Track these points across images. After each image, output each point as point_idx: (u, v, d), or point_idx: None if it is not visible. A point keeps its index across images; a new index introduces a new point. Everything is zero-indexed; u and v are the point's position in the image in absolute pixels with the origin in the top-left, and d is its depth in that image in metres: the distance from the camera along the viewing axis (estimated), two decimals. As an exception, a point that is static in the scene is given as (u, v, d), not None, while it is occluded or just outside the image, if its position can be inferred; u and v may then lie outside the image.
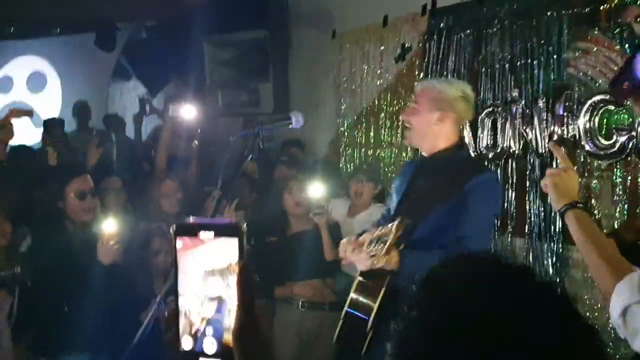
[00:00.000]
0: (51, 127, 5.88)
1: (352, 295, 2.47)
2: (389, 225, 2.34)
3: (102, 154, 5.16)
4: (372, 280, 2.39)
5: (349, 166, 5.48)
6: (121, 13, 6.39)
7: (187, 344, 0.96)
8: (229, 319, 0.93)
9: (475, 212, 2.41)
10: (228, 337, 0.93)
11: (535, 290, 0.82)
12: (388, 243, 2.23)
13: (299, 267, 3.96)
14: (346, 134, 5.57)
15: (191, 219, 0.98)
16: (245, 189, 4.70)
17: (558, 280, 3.61)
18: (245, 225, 0.95)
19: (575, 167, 3.66)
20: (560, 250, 3.69)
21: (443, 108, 2.57)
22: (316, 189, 3.87)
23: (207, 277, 0.94)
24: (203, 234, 0.94)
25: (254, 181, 4.97)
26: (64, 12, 6.35)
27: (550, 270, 3.74)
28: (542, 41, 3.90)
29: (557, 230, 3.71)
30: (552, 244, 3.76)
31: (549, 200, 3.69)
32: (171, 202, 4.24)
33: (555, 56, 3.82)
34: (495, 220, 2.60)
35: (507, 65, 4.11)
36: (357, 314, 2.42)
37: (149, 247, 3.62)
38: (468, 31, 4.41)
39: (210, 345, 0.95)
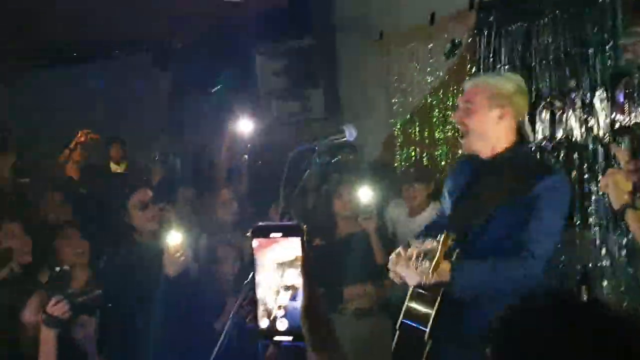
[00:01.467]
0: (114, 145, 6.14)
1: (407, 304, 2.35)
2: (435, 239, 2.23)
3: (165, 169, 5.34)
4: (427, 289, 2.28)
5: (403, 165, 5.48)
6: (172, 31, 6.58)
7: (264, 323, 1.17)
8: (298, 303, 1.13)
9: (547, 216, 2.24)
10: (297, 319, 1.13)
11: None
12: (435, 260, 2.12)
13: (346, 270, 3.92)
14: (399, 134, 5.57)
15: (261, 224, 1.19)
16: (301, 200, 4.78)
17: (631, 270, 3.53)
18: (305, 226, 1.15)
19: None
20: (630, 240, 3.60)
21: (502, 104, 2.35)
22: (365, 193, 3.86)
23: (278, 269, 1.16)
24: (273, 234, 1.16)
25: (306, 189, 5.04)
26: (118, 34, 6.58)
27: (620, 262, 3.66)
28: (596, 28, 3.82)
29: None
30: (619, 233, 3.67)
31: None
32: (226, 211, 4.38)
33: (610, 43, 3.74)
34: (564, 224, 2.38)
35: (561, 56, 4.04)
36: (414, 324, 2.31)
37: (216, 256, 3.73)
38: (518, 23, 4.35)
39: (283, 325, 1.16)
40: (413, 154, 5.44)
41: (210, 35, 6.62)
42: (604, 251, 3.76)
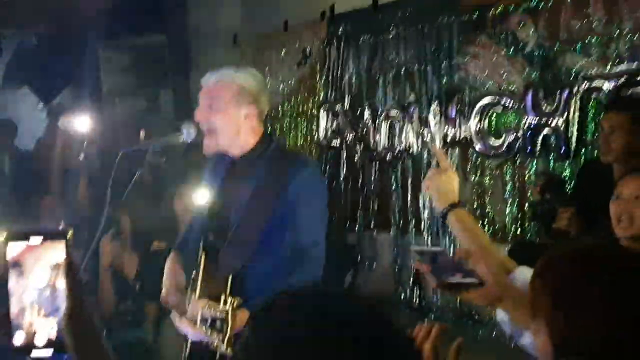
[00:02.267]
0: None
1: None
2: (223, 304, 1.98)
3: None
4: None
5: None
6: (10, 19, 6.06)
7: (19, 339, 1.06)
8: (60, 312, 1.05)
9: (311, 215, 2.19)
10: (58, 329, 1.06)
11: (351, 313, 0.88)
12: (227, 336, 1.89)
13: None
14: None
15: (18, 228, 1.09)
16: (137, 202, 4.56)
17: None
18: (71, 231, 1.09)
19: (468, 167, 3.85)
20: (457, 245, 3.85)
21: (249, 102, 2.22)
22: (203, 194, 3.75)
23: (36, 277, 1.06)
24: (33, 239, 1.07)
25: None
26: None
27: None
28: (434, 47, 4.07)
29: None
30: (449, 238, 3.92)
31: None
32: (51, 218, 4.05)
33: (446, 61, 3.99)
34: (327, 212, 2.30)
35: (402, 70, 4.25)
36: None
37: None
38: (365, 37, 4.52)
39: (42, 338, 1.06)
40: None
41: (50, 25, 6.18)
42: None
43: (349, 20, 4.67)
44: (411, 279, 4.06)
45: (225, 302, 1.94)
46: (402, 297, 4.11)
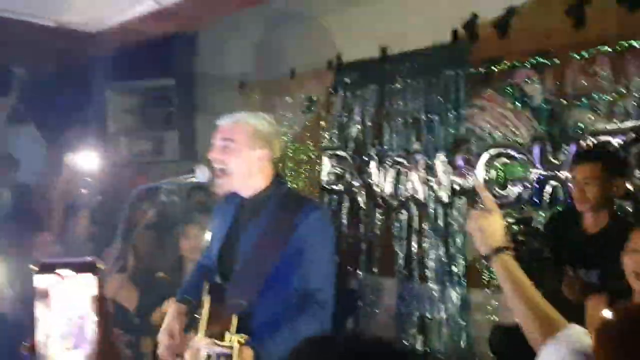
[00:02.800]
0: None
1: None
2: (227, 341, 2.01)
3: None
4: None
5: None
6: (18, 57, 6.14)
7: None
8: (89, 342, 1.05)
9: (318, 259, 2.21)
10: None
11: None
12: None
13: None
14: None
15: (47, 260, 1.07)
16: (146, 239, 4.55)
17: (464, 323, 3.76)
18: (102, 263, 1.07)
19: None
20: (464, 293, 3.86)
21: (262, 145, 2.31)
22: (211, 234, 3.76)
23: (66, 311, 1.05)
24: (62, 271, 1.05)
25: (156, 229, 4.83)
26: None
27: (454, 313, 3.90)
28: (441, 98, 4.16)
29: (461, 274, 3.89)
30: (454, 287, 3.92)
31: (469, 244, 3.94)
32: (44, 255, 4.00)
33: (453, 111, 4.07)
34: (334, 257, 2.33)
35: (409, 119, 4.33)
36: None
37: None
38: (372, 86, 4.62)
39: None
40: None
41: (60, 65, 6.26)
42: (439, 303, 3.99)
43: (356, 70, 4.77)
44: (415, 326, 4.04)
45: (229, 339, 1.95)
46: (406, 343, 4.08)
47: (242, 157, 2.28)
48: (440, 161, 4.11)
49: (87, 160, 4.54)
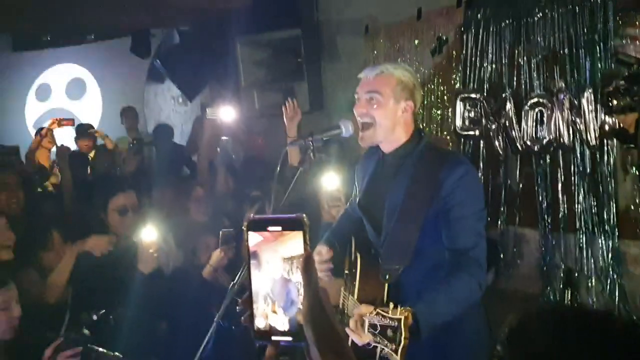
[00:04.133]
0: (86, 133, 5.98)
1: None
2: (392, 311, 1.87)
3: (139, 161, 5.16)
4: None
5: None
6: (154, 19, 6.42)
7: (260, 323, 1.06)
8: (299, 302, 1.03)
9: (467, 214, 2.12)
10: (298, 318, 1.03)
11: (617, 335, 0.84)
12: (401, 345, 1.80)
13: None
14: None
15: (257, 216, 1.08)
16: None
17: (615, 276, 3.50)
18: (306, 218, 1.03)
19: (630, 160, 3.56)
20: (616, 244, 3.58)
21: (406, 97, 2.25)
22: (331, 180, 3.71)
23: (277, 266, 1.04)
24: (271, 228, 1.04)
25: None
26: (98, 20, 6.41)
27: (606, 266, 3.63)
28: (586, 29, 3.77)
29: (612, 223, 3.60)
30: (606, 237, 3.64)
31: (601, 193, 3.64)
32: (200, 210, 4.17)
33: (601, 44, 3.69)
34: (485, 213, 2.20)
35: (550, 55, 3.99)
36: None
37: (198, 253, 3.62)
38: (507, 21, 4.29)
39: (281, 324, 1.05)
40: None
41: (192, 23, 6.48)
42: (589, 255, 3.73)
43: (489, 4, 4.45)
44: (562, 279, 3.82)
45: (394, 309, 1.86)
46: (552, 297, 3.88)
47: (387, 110, 2.25)
48: (587, 100, 3.76)
49: (227, 112, 4.67)
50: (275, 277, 1.05)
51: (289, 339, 1.05)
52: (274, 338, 1.06)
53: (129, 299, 3.01)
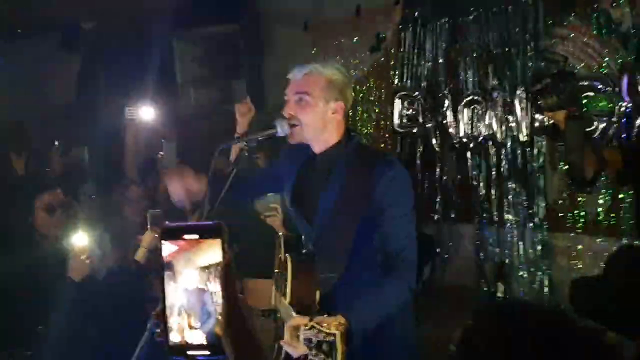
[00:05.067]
0: (16, 133, 5.71)
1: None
2: (327, 324, 1.79)
3: (67, 163, 4.98)
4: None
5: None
6: (85, 13, 6.20)
7: (175, 337, 1.02)
8: (216, 313, 1.00)
9: (400, 217, 2.08)
10: (216, 330, 1.00)
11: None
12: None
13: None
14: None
15: (171, 224, 1.03)
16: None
17: (545, 267, 3.62)
18: (225, 226, 1.00)
19: (558, 154, 3.69)
20: (545, 237, 3.70)
21: (336, 97, 2.17)
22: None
23: (192, 276, 1.00)
24: (187, 236, 1.00)
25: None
26: (25, 14, 6.14)
27: (536, 258, 3.75)
28: (518, 29, 3.88)
29: (541, 216, 3.72)
30: (535, 230, 3.76)
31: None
32: (134, 210, 4.05)
33: (532, 44, 3.80)
34: (415, 214, 2.16)
35: (484, 54, 4.08)
36: None
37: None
38: (443, 20, 4.36)
39: (198, 338, 1.01)
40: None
41: (126, 17, 6.29)
42: (519, 247, 3.84)
43: (425, 3, 4.51)
44: (495, 272, 3.92)
45: (328, 321, 1.79)
46: (485, 291, 3.98)
47: (317, 111, 2.16)
48: (519, 98, 3.86)
49: (146, 114, 4.55)
50: (190, 288, 1.01)
51: (207, 353, 1.01)
52: (189, 353, 1.02)
53: (59, 307, 2.89)
